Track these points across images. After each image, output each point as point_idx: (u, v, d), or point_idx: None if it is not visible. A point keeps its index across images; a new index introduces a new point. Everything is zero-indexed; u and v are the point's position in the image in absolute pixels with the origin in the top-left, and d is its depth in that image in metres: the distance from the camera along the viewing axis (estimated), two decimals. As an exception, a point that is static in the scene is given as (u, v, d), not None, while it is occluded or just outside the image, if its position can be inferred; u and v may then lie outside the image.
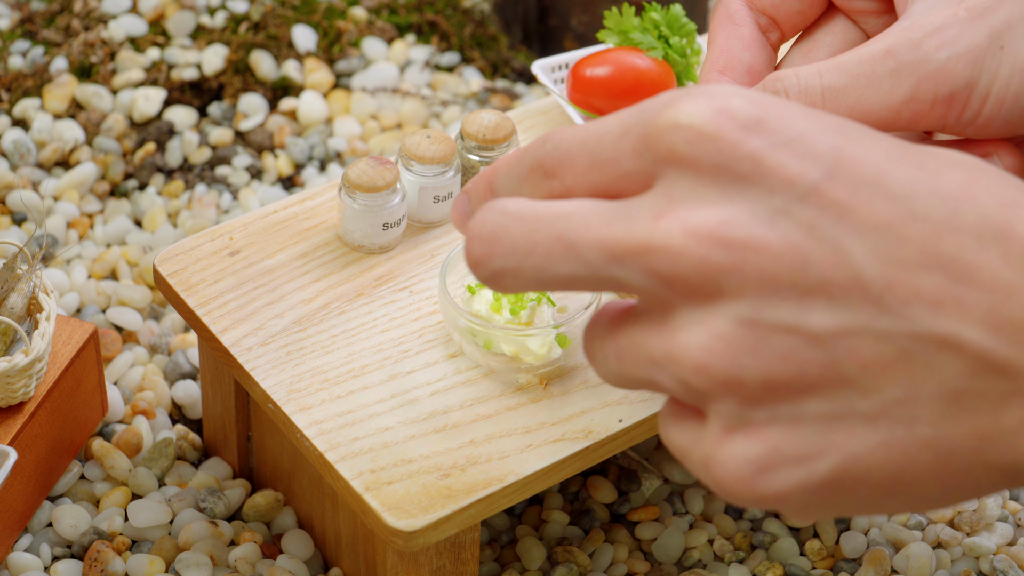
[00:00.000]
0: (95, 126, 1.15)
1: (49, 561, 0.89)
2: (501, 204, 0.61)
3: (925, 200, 0.57)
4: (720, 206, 0.57)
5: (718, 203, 0.57)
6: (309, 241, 0.90)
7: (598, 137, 0.61)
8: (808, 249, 0.56)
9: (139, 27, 1.21)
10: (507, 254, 0.60)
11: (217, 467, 0.95)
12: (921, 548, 0.91)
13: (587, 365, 0.84)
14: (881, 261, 0.56)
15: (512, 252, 0.60)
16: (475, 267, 0.61)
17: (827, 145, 0.58)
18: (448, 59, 1.23)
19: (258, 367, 0.83)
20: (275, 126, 1.16)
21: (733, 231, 0.57)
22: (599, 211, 0.60)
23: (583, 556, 0.91)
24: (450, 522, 0.77)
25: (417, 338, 0.85)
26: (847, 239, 0.56)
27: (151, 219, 1.09)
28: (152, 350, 1.02)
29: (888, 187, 0.57)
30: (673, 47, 0.96)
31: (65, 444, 0.91)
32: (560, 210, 0.60)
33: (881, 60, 0.71)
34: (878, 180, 0.57)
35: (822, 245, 0.56)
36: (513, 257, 0.60)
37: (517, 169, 0.64)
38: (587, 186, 0.61)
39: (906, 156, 0.58)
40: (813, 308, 0.56)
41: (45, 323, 0.87)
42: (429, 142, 0.90)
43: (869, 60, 0.71)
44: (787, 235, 0.56)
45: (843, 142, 0.58)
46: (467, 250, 0.61)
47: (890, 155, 0.58)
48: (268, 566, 0.89)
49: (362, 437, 0.80)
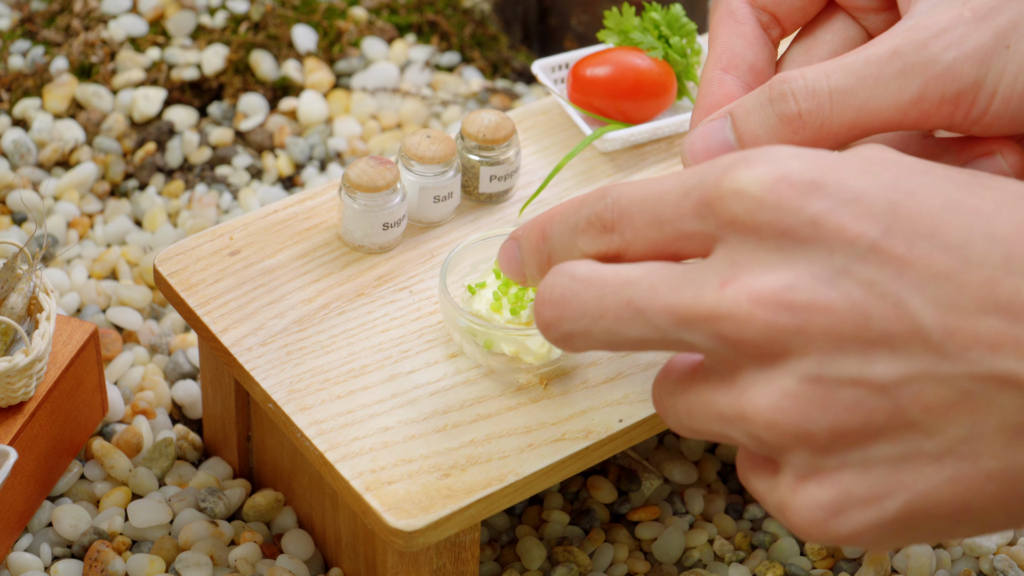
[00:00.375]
0: (95, 126, 1.15)
1: (49, 561, 0.89)
2: (570, 268, 0.64)
3: (980, 247, 0.59)
4: (783, 270, 0.60)
5: (781, 268, 0.60)
6: (309, 241, 0.90)
7: (659, 196, 0.64)
8: (869, 305, 0.59)
9: (139, 27, 1.21)
10: (577, 318, 0.64)
11: (217, 467, 0.95)
12: (921, 548, 0.91)
13: (587, 365, 0.84)
14: (940, 310, 0.59)
15: (582, 316, 0.64)
16: (545, 329, 0.65)
17: (884, 202, 0.60)
18: (448, 59, 1.23)
19: (258, 367, 0.83)
20: (275, 126, 1.16)
21: (797, 295, 0.60)
22: (665, 277, 0.62)
23: (583, 556, 0.91)
24: (450, 522, 0.77)
25: (417, 338, 0.85)
26: (906, 292, 0.59)
27: (151, 219, 1.09)
28: (152, 350, 1.02)
29: (944, 238, 0.59)
30: (673, 47, 0.96)
31: (65, 444, 0.91)
32: (627, 276, 0.63)
33: (888, 61, 0.71)
34: (934, 232, 0.59)
35: (882, 300, 0.59)
36: (583, 321, 0.64)
37: (572, 220, 0.67)
38: (647, 244, 0.64)
39: (964, 201, 0.60)
40: (876, 360, 0.59)
41: (45, 323, 0.87)
42: (429, 142, 0.90)
43: (876, 61, 0.71)
44: (849, 294, 0.59)
45: (899, 197, 0.60)
46: (537, 312, 0.65)
47: (947, 203, 0.60)
48: (268, 566, 0.89)
49: (362, 437, 0.80)
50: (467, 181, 0.92)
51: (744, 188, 0.61)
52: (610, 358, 0.84)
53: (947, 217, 0.60)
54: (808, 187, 0.61)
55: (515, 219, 0.92)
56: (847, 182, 0.61)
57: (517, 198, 0.93)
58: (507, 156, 0.92)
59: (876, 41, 0.72)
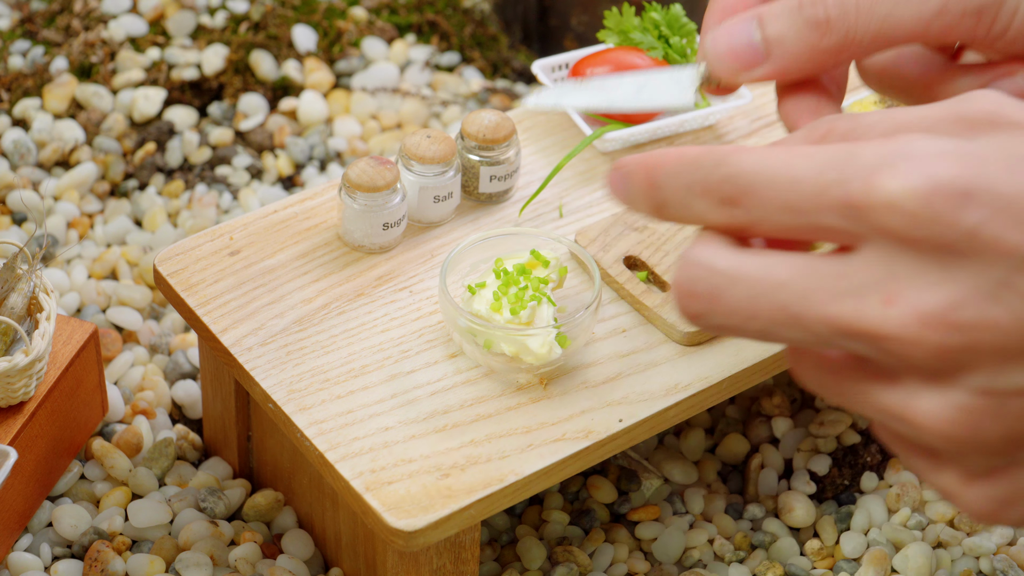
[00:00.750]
0: (95, 126, 1.15)
1: (49, 561, 0.89)
2: (709, 259, 0.64)
3: None
4: (946, 286, 0.61)
5: (943, 283, 0.61)
6: (309, 241, 0.90)
7: (791, 181, 0.64)
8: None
9: (139, 27, 1.21)
10: (729, 315, 0.64)
11: (217, 467, 0.95)
12: (921, 548, 0.91)
13: (587, 365, 0.84)
14: None
15: (734, 314, 0.64)
16: (692, 319, 0.64)
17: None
18: (448, 59, 1.23)
19: (258, 367, 0.83)
20: (275, 126, 1.16)
21: (964, 314, 0.60)
22: (820, 282, 0.63)
23: (583, 556, 0.91)
24: (450, 522, 0.77)
25: (417, 338, 0.85)
26: None
27: (151, 219, 1.09)
28: (152, 350, 1.02)
29: None
30: (673, 47, 0.96)
31: (65, 444, 0.91)
32: (776, 276, 0.63)
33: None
34: None
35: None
36: (735, 318, 0.64)
37: (687, 179, 0.66)
38: (778, 227, 0.64)
39: None
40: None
41: (45, 323, 0.87)
42: (429, 142, 0.90)
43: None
44: (1013, 307, 0.60)
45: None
46: (682, 304, 0.64)
47: None
48: (268, 566, 0.89)
49: (362, 437, 0.80)
50: (467, 181, 0.92)
51: (898, 202, 0.61)
52: (610, 359, 0.84)
53: None
54: (962, 198, 0.61)
55: (515, 219, 0.92)
56: (997, 187, 0.61)
57: (517, 198, 0.93)
58: (507, 156, 0.92)
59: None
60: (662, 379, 0.83)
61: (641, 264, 0.88)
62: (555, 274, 0.85)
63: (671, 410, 0.82)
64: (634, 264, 0.89)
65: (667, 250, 0.89)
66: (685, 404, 0.83)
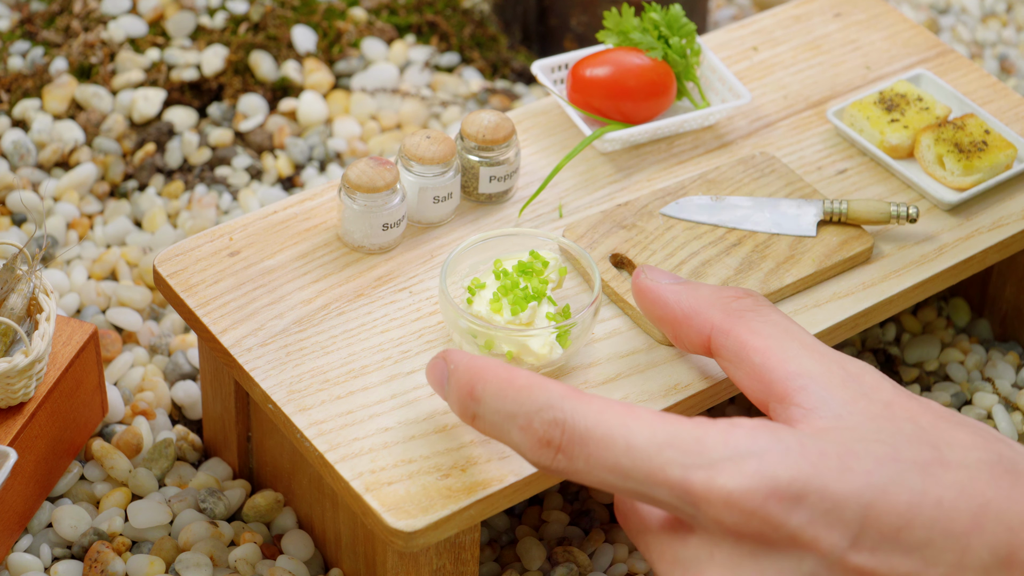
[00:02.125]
0: (95, 127, 1.15)
1: (49, 562, 0.89)
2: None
3: (939, 545, 0.65)
4: (751, 574, 0.67)
5: (750, 571, 0.67)
6: (309, 241, 0.90)
7: (627, 447, 0.68)
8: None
9: (139, 28, 1.21)
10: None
11: (217, 467, 0.95)
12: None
13: (587, 366, 0.84)
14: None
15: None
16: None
17: (857, 508, 0.66)
18: (448, 59, 1.23)
19: (258, 368, 0.83)
20: (275, 127, 1.16)
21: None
22: (657, 545, 0.71)
23: (583, 556, 0.91)
24: (450, 522, 0.77)
25: (417, 338, 0.85)
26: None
27: (151, 220, 1.09)
28: (152, 351, 1.02)
29: (906, 540, 0.66)
30: (673, 47, 0.96)
31: (65, 445, 0.91)
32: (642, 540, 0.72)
33: None
34: (898, 533, 0.66)
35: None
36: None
37: (510, 407, 0.71)
38: (598, 482, 0.69)
39: (929, 492, 0.66)
40: None
41: (45, 324, 0.87)
42: (429, 142, 0.90)
43: None
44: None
45: (872, 497, 0.66)
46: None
47: (912, 500, 0.66)
48: (268, 566, 0.89)
49: (362, 437, 0.80)
50: (467, 181, 0.92)
51: (735, 501, 0.66)
52: (610, 359, 0.84)
53: (912, 516, 0.66)
54: (794, 499, 0.66)
55: (515, 219, 0.92)
56: (827, 486, 0.66)
57: (517, 198, 0.93)
58: (507, 156, 0.92)
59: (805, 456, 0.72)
60: (662, 379, 0.83)
61: (628, 262, 0.88)
62: (555, 274, 0.86)
63: (671, 410, 0.82)
64: (621, 262, 0.89)
65: (654, 248, 0.89)
66: (685, 404, 0.83)
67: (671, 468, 0.67)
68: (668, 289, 0.79)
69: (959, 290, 1.06)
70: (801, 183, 0.93)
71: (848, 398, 0.71)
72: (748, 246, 0.89)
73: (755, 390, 0.75)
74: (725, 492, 0.66)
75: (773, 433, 0.67)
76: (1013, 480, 0.67)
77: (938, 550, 0.66)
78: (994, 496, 0.67)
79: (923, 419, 0.70)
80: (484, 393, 0.71)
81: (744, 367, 0.75)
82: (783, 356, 0.74)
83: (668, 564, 0.70)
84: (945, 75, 1.03)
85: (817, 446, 0.67)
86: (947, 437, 0.69)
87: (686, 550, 0.69)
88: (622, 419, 0.68)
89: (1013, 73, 1.27)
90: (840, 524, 0.66)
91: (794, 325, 0.76)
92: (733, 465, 0.66)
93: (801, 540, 0.66)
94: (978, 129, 0.95)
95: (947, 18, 1.32)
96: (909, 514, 0.66)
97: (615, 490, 0.69)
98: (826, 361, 0.73)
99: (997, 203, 0.95)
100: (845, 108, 0.98)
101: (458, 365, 0.73)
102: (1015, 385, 1.01)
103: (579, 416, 0.69)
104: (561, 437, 0.69)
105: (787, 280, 0.87)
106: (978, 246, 0.92)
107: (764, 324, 0.75)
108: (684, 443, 0.67)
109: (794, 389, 0.72)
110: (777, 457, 0.66)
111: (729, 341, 0.76)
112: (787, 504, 0.66)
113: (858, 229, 0.91)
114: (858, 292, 0.89)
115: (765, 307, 0.77)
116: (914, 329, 1.05)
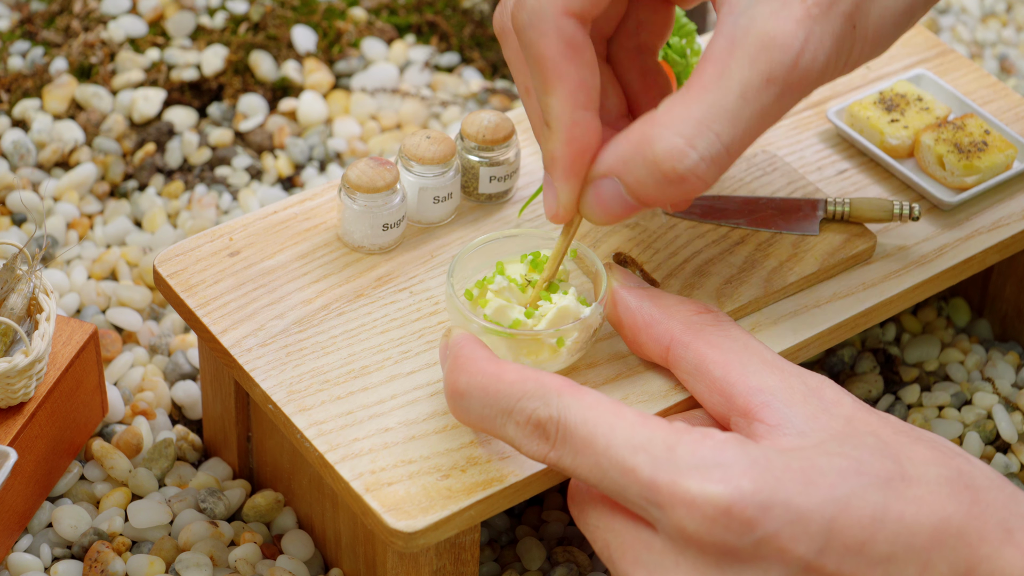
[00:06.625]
0: (95, 127, 1.15)
1: (49, 562, 0.89)
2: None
3: (902, 559, 0.67)
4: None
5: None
6: (309, 242, 0.90)
7: (606, 447, 0.70)
8: None
9: (139, 28, 1.21)
10: None
11: (217, 467, 0.95)
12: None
13: (587, 366, 0.84)
14: None
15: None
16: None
17: (821, 521, 0.67)
18: (448, 59, 1.23)
19: (258, 368, 0.83)
20: (275, 127, 1.16)
21: None
22: (628, 549, 0.72)
23: (583, 556, 0.91)
24: (450, 523, 0.77)
25: (417, 339, 0.85)
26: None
27: (151, 220, 1.09)
28: (152, 351, 1.02)
29: (870, 553, 0.67)
30: (673, 47, 0.96)
31: (65, 445, 0.91)
32: (596, 526, 0.74)
33: (765, 89, 0.73)
34: (862, 547, 0.67)
35: None
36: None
37: (506, 403, 0.73)
38: (588, 478, 0.71)
39: (891, 508, 0.68)
40: None
41: (45, 324, 0.87)
42: (429, 143, 0.90)
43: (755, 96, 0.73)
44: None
45: (835, 511, 0.67)
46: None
47: (875, 515, 0.67)
48: (268, 566, 0.89)
49: (362, 438, 0.80)
50: (467, 182, 0.92)
51: (697, 505, 0.67)
52: (609, 360, 0.84)
53: (875, 530, 0.67)
54: (757, 511, 0.67)
55: (515, 220, 0.92)
56: (791, 499, 0.67)
57: (517, 199, 0.93)
58: (507, 157, 0.91)
59: (738, 65, 0.72)
60: (662, 379, 0.83)
61: (631, 261, 0.88)
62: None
63: (671, 410, 0.82)
64: (624, 261, 0.89)
65: (657, 247, 0.89)
66: (685, 404, 0.83)
67: (642, 470, 0.69)
68: (632, 293, 0.80)
69: (959, 290, 1.06)
70: (803, 181, 0.93)
71: (810, 413, 0.73)
72: (751, 245, 0.89)
73: (715, 403, 0.76)
74: (689, 496, 0.67)
75: (741, 446, 0.69)
76: (973, 496, 0.68)
77: (901, 564, 0.67)
78: (954, 511, 0.67)
79: (883, 433, 0.71)
80: (469, 386, 0.74)
81: (704, 380, 0.76)
82: (743, 371, 0.75)
83: (630, 564, 0.71)
84: (945, 75, 1.03)
85: (782, 460, 0.69)
86: (907, 452, 0.70)
87: (650, 554, 0.70)
88: (608, 418, 0.71)
89: (1013, 73, 1.27)
90: (806, 536, 0.67)
91: (754, 341, 0.77)
92: (699, 473, 0.68)
93: (766, 551, 0.67)
94: (978, 129, 0.95)
95: (947, 18, 1.32)
96: (872, 528, 0.67)
97: (596, 487, 0.71)
98: (786, 376, 0.75)
99: (997, 203, 0.95)
100: (845, 108, 0.98)
101: (456, 356, 0.76)
102: (1015, 385, 1.01)
103: (573, 414, 0.71)
104: (554, 430, 0.72)
105: (790, 279, 0.87)
106: (978, 246, 0.92)
107: (724, 339, 0.77)
108: (656, 448, 0.69)
109: (757, 405, 0.74)
110: (742, 469, 0.68)
111: (688, 353, 0.77)
112: (751, 515, 0.67)
113: (861, 227, 0.91)
114: (858, 292, 0.89)
115: (726, 323, 0.78)
116: (914, 329, 1.05)
